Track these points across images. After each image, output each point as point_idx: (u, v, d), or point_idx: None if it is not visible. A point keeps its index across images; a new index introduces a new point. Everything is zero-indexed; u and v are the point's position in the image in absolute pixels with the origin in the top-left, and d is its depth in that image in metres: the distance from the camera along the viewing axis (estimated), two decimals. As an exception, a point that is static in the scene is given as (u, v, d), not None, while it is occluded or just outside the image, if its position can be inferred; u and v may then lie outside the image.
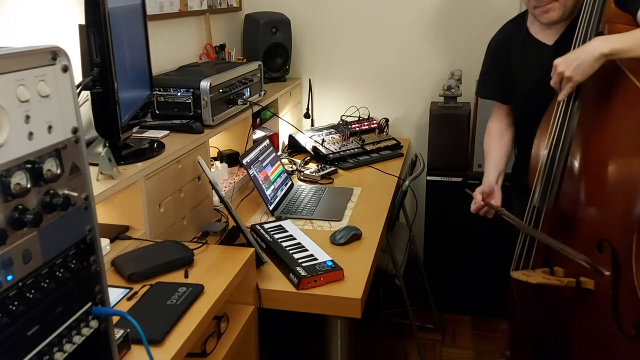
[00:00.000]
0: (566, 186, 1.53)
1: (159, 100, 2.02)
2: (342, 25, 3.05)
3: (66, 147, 0.72)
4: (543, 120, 1.64)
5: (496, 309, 2.73)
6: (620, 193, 1.36)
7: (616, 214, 1.37)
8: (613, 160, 1.39)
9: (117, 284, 1.36)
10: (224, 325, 1.46)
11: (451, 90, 2.71)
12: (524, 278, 1.51)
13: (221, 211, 2.04)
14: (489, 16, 2.80)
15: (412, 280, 2.73)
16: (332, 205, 2.13)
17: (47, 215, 0.69)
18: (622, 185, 1.36)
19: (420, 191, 2.90)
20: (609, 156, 1.40)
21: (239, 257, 1.51)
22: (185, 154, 1.79)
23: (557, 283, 1.48)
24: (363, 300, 1.55)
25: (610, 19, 1.49)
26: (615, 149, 1.40)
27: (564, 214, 1.54)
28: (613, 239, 1.37)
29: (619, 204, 1.37)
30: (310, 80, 3.19)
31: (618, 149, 1.39)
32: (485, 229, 2.56)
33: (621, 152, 1.38)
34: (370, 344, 2.66)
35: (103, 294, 0.81)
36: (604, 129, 1.44)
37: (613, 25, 1.47)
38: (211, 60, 2.59)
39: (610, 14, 1.49)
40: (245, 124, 2.37)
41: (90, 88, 1.43)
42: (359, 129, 2.87)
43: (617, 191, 1.37)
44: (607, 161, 1.40)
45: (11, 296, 0.64)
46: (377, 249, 1.82)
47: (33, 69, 0.67)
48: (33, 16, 1.57)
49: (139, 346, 1.10)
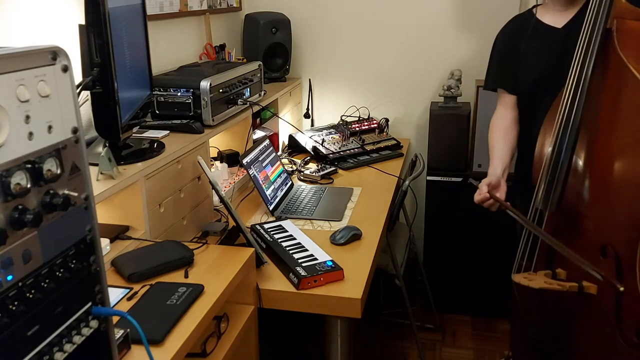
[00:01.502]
0: (570, 188, 1.51)
1: (159, 100, 2.02)
2: (342, 25, 3.05)
3: (66, 147, 0.72)
4: (547, 118, 1.62)
5: (496, 309, 2.73)
6: (626, 197, 1.33)
7: (621, 218, 1.34)
8: (619, 163, 1.36)
9: (117, 284, 1.36)
10: (224, 325, 1.46)
11: (451, 90, 2.71)
12: (526, 282, 1.50)
13: (221, 211, 2.04)
14: (489, 16, 2.80)
15: (412, 280, 2.74)
16: (332, 205, 2.13)
17: (47, 215, 0.69)
18: (628, 189, 1.33)
19: (420, 191, 2.90)
20: (615, 159, 1.37)
21: (239, 257, 1.51)
22: (185, 154, 1.79)
23: (559, 288, 1.45)
24: (363, 300, 1.55)
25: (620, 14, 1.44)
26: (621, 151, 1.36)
27: (567, 217, 1.52)
28: (617, 243, 1.34)
29: (624, 208, 1.34)
30: (310, 80, 3.19)
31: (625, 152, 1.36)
32: (485, 229, 2.57)
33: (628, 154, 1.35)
34: (370, 344, 2.66)
35: (103, 294, 0.81)
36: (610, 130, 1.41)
37: (622, 21, 1.43)
38: (211, 60, 2.59)
39: (620, 9, 1.44)
40: (245, 124, 2.37)
41: (90, 88, 1.43)
42: (359, 129, 2.87)
43: (623, 195, 1.34)
44: (612, 164, 1.37)
45: (11, 296, 0.64)
46: (377, 249, 1.82)
47: (33, 69, 0.67)
48: (33, 16, 1.57)
49: (139, 346, 1.10)
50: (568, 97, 1.49)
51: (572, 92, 1.48)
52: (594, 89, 1.45)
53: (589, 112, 1.46)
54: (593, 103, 1.46)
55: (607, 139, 1.41)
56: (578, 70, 1.46)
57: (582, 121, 1.47)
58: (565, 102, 1.49)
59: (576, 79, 1.47)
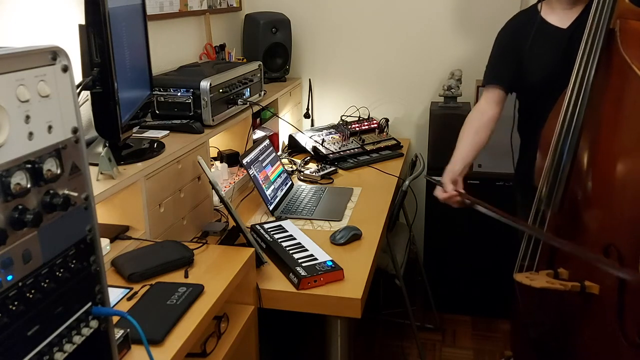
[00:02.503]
0: (573, 188, 1.51)
1: (159, 100, 2.02)
2: (342, 25, 3.05)
3: (66, 147, 0.72)
4: (549, 118, 1.61)
5: (496, 309, 2.73)
6: (629, 196, 1.33)
7: (624, 218, 1.34)
8: (622, 162, 1.36)
9: (117, 284, 1.36)
10: (224, 325, 1.46)
11: (451, 90, 2.71)
12: (528, 282, 1.50)
13: (221, 211, 2.04)
14: (489, 16, 2.79)
15: (412, 280, 2.73)
16: (332, 205, 2.13)
17: (47, 215, 0.69)
18: (631, 189, 1.33)
19: (420, 191, 2.90)
20: (618, 158, 1.37)
21: (239, 257, 1.51)
22: (185, 154, 1.79)
23: (561, 288, 1.45)
24: (363, 300, 1.55)
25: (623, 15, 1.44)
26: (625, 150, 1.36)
27: (570, 217, 1.52)
28: (620, 243, 1.34)
29: (627, 208, 1.34)
30: (310, 80, 3.19)
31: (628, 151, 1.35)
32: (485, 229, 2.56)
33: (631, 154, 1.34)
34: (370, 344, 2.66)
35: (103, 294, 0.81)
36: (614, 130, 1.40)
37: (625, 21, 1.44)
38: (211, 60, 2.59)
39: (623, 9, 1.44)
40: (245, 124, 2.37)
41: (90, 88, 1.43)
42: (359, 129, 2.87)
43: (626, 195, 1.34)
44: (616, 163, 1.37)
45: (11, 296, 0.64)
46: (377, 249, 1.81)
47: (33, 69, 0.67)
48: (33, 16, 1.57)
49: (139, 346, 1.10)
50: (571, 97, 1.48)
51: (576, 92, 1.48)
52: (597, 88, 1.45)
53: (592, 112, 1.46)
54: (596, 103, 1.45)
55: (611, 138, 1.41)
56: (582, 70, 1.46)
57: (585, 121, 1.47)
58: (568, 102, 1.49)
59: (579, 78, 1.47)
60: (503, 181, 2.54)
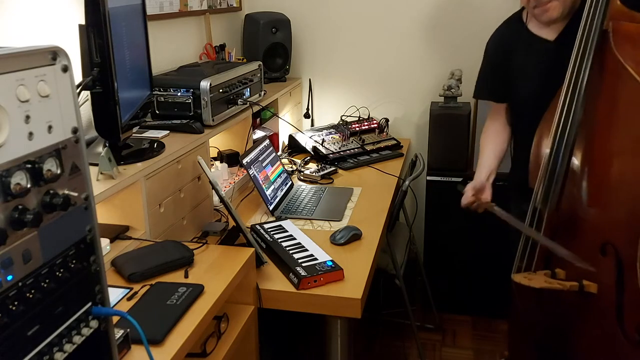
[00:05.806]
0: (569, 187, 1.51)
1: (159, 100, 2.02)
2: (342, 25, 3.05)
3: (66, 147, 0.72)
4: (543, 119, 1.62)
5: (496, 309, 2.72)
6: (625, 195, 1.34)
7: (621, 216, 1.35)
8: (618, 161, 1.37)
9: (117, 284, 1.36)
10: (224, 325, 1.46)
11: (451, 90, 2.71)
12: (526, 282, 1.50)
13: (221, 211, 2.04)
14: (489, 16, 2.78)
15: (412, 280, 2.73)
16: (332, 205, 2.13)
17: (47, 215, 0.69)
18: (627, 187, 1.33)
19: (420, 191, 2.90)
20: (614, 156, 1.38)
21: (239, 257, 1.51)
22: (185, 154, 1.79)
23: (559, 287, 1.45)
24: (363, 300, 1.55)
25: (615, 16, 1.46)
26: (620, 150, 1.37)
27: (566, 216, 1.53)
28: (617, 241, 1.35)
29: (623, 206, 1.34)
30: (310, 80, 3.19)
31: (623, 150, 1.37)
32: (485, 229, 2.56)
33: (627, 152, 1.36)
34: (370, 344, 2.66)
35: (103, 294, 0.81)
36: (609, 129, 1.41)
37: (618, 22, 1.45)
38: (211, 60, 2.59)
39: (615, 11, 1.46)
40: (245, 124, 2.37)
41: (90, 88, 1.43)
42: (359, 129, 2.87)
43: (622, 193, 1.35)
44: (612, 161, 1.38)
45: (11, 296, 0.64)
46: (377, 249, 1.82)
47: (33, 69, 0.67)
48: (33, 16, 1.57)
49: (139, 346, 1.10)
50: (566, 98, 1.49)
51: (570, 93, 1.48)
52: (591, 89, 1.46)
53: (587, 112, 1.47)
54: (591, 103, 1.47)
55: (606, 138, 1.42)
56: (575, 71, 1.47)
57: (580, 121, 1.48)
58: (563, 103, 1.50)
59: (574, 79, 1.47)
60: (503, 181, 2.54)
